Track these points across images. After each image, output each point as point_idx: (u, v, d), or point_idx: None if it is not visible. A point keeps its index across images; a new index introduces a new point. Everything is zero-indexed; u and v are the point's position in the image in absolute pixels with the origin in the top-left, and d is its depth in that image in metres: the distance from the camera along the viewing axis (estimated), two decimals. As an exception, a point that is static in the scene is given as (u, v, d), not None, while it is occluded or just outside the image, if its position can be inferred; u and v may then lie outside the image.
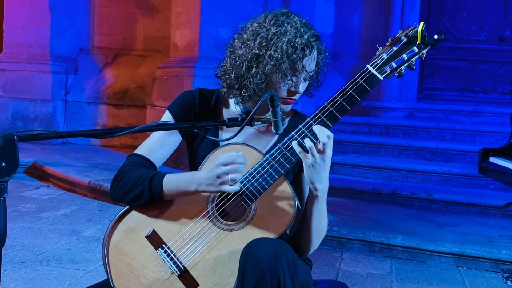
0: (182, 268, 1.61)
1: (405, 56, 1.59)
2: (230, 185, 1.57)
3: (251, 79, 1.69)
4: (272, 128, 1.57)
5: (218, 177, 1.55)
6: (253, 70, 1.68)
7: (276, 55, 1.65)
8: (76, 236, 3.96)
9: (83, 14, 8.07)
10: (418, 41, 1.57)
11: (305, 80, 1.73)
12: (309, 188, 1.65)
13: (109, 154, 7.06)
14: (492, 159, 3.54)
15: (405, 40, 1.58)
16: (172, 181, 1.64)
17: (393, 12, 6.79)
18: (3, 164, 1.20)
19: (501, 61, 6.86)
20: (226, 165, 1.55)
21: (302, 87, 1.72)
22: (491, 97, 6.88)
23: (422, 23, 1.57)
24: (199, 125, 1.67)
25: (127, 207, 1.70)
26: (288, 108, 1.76)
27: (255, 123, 1.54)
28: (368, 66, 1.60)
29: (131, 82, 7.83)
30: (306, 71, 1.69)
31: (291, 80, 1.69)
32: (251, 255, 1.48)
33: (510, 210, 4.72)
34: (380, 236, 3.93)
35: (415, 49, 1.59)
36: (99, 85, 7.92)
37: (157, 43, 7.76)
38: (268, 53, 1.66)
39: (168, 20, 6.80)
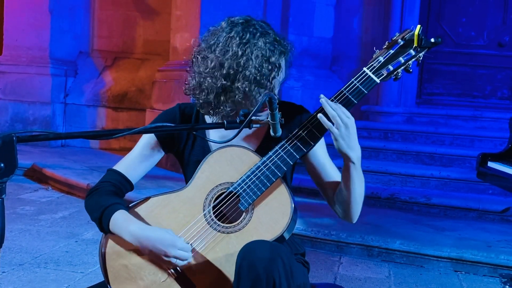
0: (179, 270, 1.61)
1: (402, 59, 1.60)
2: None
3: (221, 107, 1.69)
4: (271, 130, 1.58)
5: (167, 256, 1.57)
6: (222, 99, 1.68)
7: (244, 86, 1.64)
8: (74, 238, 3.96)
9: (83, 17, 8.08)
10: (415, 44, 1.58)
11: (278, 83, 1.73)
12: (343, 160, 1.63)
13: (108, 157, 7.06)
14: (490, 164, 3.54)
15: (402, 43, 1.59)
16: (118, 222, 1.63)
17: (393, 16, 6.80)
18: (2, 165, 1.20)
19: (500, 66, 6.86)
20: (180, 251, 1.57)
21: (277, 90, 1.72)
22: (490, 102, 6.88)
23: (418, 26, 1.57)
24: (198, 127, 1.67)
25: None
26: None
27: (253, 125, 1.55)
28: (365, 69, 1.60)
29: (131, 85, 7.84)
30: (274, 86, 1.68)
31: (265, 89, 1.67)
32: (246, 258, 1.48)
33: (508, 215, 4.72)
34: (378, 240, 3.93)
35: (412, 52, 1.59)
36: (99, 88, 7.92)
37: (157, 47, 7.77)
38: (236, 85, 1.65)
39: (168, 23, 6.81)
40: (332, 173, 1.77)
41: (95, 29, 8.14)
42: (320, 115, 1.58)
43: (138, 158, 1.80)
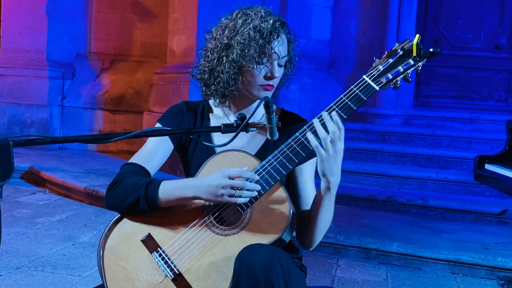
0: (177, 272, 1.61)
1: (401, 68, 1.62)
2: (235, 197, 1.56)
3: (222, 68, 1.72)
4: (268, 134, 1.58)
5: (223, 187, 1.55)
6: (224, 60, 1.72)
7: (243, 40, 1.68)
8: (71, 241, 3.95)
9: (80, 19, 8.07)
10: (414, 54, 1.60)
11: (280, 66, 1.75)
12: (321, 182, 1.63)
13: (105, 159, 7.06)
14: (487, 166, 3.55)
15: (401, 53, 1.61)
16: (169, 187, 1.63)
17: (390, 19, 6.81)
18: (-2, 169, 1.20)
19: (497, 69, 6.88)
20: (233, 178, 1.55)
21: (278, 71, 1.74)
22: (487, 104, 6.89)
23: (417, 36, 1.59)
24: (195, 130, 1.68)
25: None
26: (268, 94, 1.75)
27: (250, 129, 1.55)
28: (364, 76, 1.62)
29: (128, 88, 7.84)
30: (276, 53, 1.70)
31: (264, 64, 1.70)
32: (245, 261, 1.48)
33: (505, 217, 4.73)
34: (376, 242, 3.94)
35: (411, 61, 1.61)
36: (96, 90, 7.92)
37: (154, 49, 7.77)
38: (236, 39, 1.69)
39: (165, 26, 6.81)
40: (310, 194, 1.77)
41: (92, 32, 8.13)
42: (309, 134, 1.58)
43: (152, 151, 1.80)
